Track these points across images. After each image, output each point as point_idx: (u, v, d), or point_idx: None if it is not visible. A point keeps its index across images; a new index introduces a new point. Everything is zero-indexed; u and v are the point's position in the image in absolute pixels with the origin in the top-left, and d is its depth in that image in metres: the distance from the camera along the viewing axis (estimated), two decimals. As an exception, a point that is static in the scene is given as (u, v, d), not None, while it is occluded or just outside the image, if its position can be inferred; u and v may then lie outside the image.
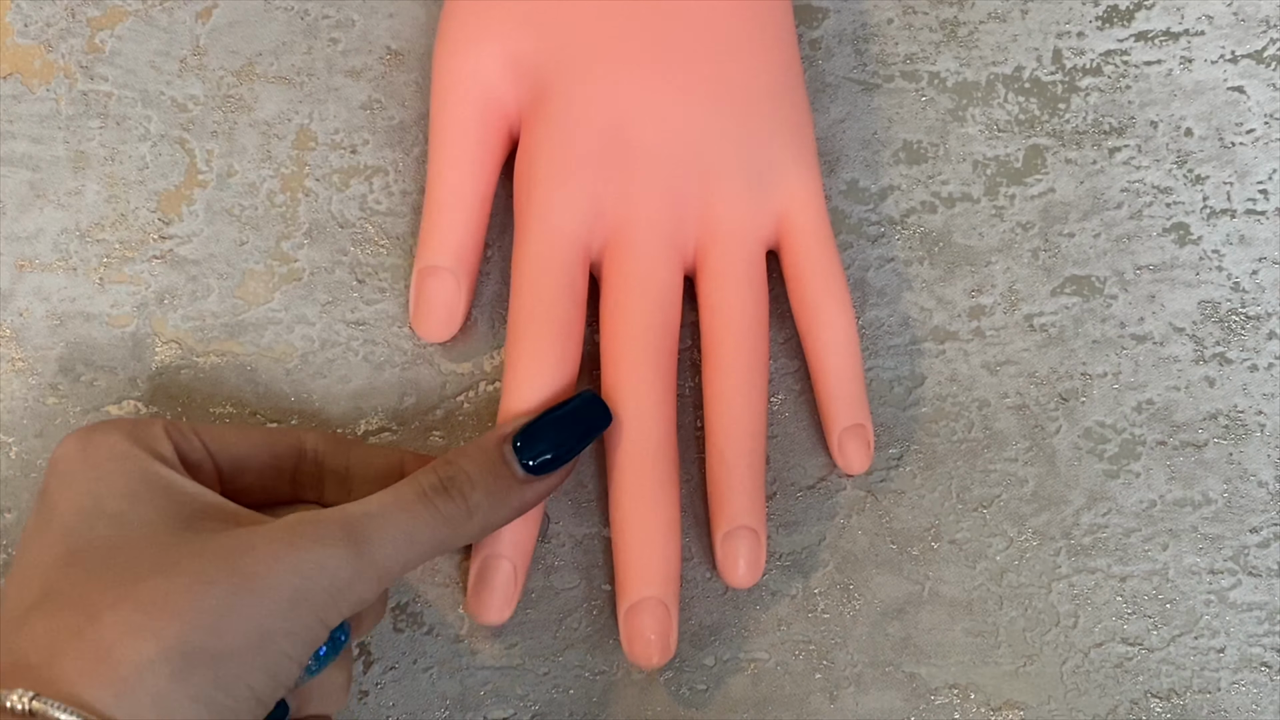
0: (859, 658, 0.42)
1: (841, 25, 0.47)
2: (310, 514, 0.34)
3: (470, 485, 0.36)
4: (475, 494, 0.36)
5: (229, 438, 0.38)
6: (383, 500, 0.35)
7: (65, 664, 0.30)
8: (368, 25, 0.46)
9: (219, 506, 0.35)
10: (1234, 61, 0.46)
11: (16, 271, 0.44)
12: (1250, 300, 0.45)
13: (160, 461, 0.35)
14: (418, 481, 0.36)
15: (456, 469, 0.37)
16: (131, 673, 0.30)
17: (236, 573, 0.31)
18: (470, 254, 0.43)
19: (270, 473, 0.39)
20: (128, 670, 0.30)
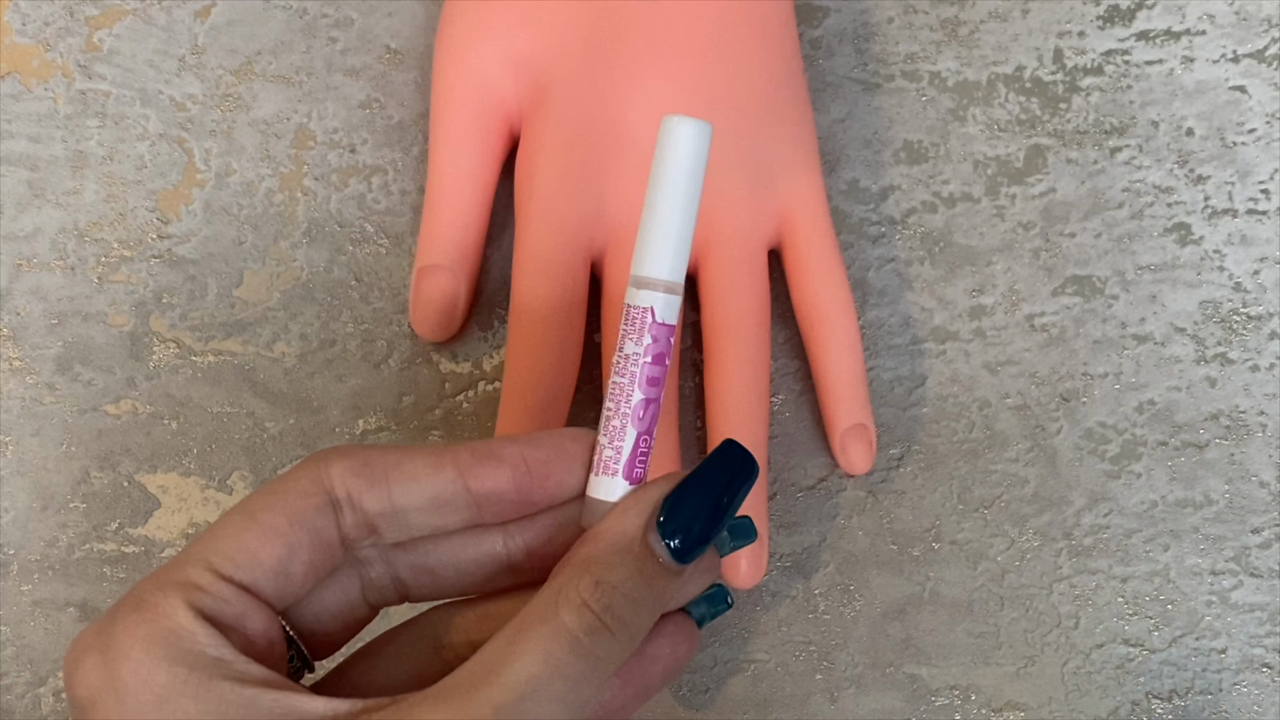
0: (859, 659, 0.41)
1: (842, 24, 0.47)
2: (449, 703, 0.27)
3: (630, 608, 0.29)
4: (638, 616, 0.29)
5: (252, 550, 0.30)
6: (533, 672, 0.28)
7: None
8: (367, 24, 0.46)
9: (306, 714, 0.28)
10: (1235, 61, 0.46)
11: (14, 270, 0.44)
12: (1252, 300, 0.44)
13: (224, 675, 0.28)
14: (563, 628, 0.28)
15: (609, 591, 0.29)
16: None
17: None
18: (470, 253, 0.43)
19: (315, 568, 0.31)
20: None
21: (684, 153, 0.31)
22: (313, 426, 0.43)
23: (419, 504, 0.31)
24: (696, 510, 0.30)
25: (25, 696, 0.41)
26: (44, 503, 0.42)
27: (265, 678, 0.28)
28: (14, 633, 0.41)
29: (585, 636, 0.28)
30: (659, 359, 0.31)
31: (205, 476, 0.42)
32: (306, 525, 0.30)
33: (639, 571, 0.29)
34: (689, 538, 0.30)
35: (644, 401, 0.31)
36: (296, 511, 0.30)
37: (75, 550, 0.42)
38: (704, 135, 0.31)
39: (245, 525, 0.30)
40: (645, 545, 0.29)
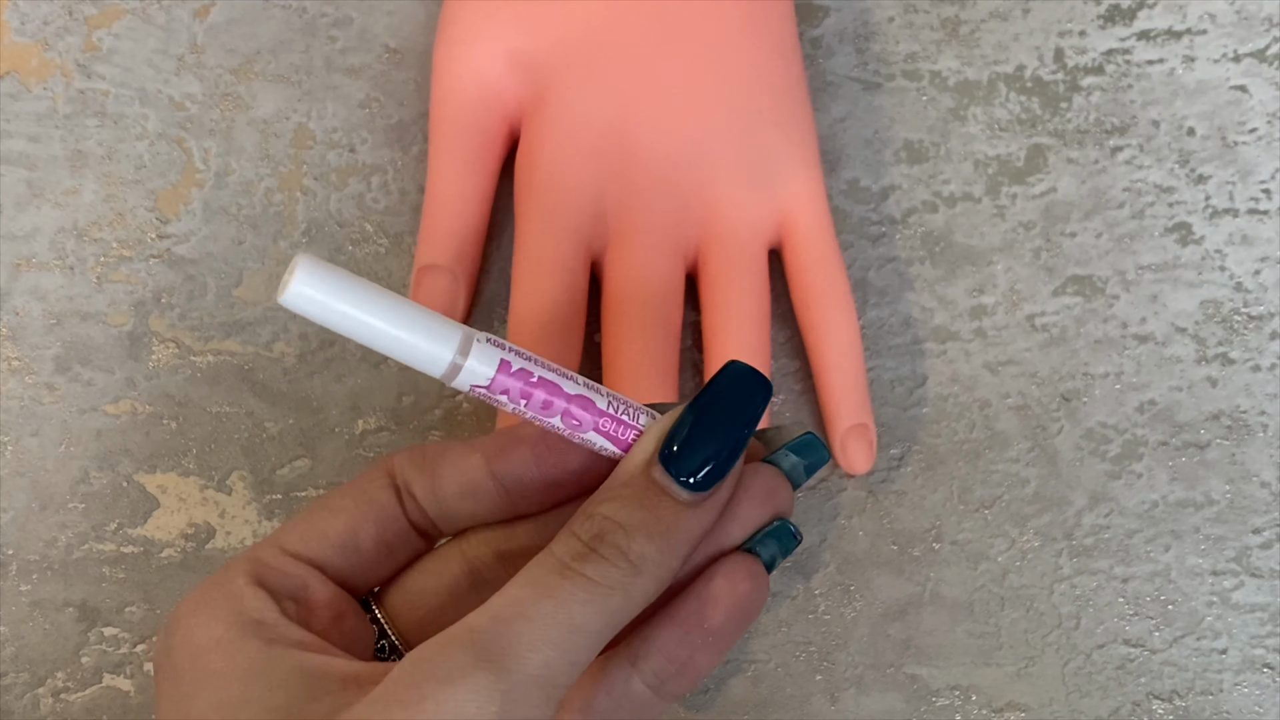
0: (860, 659, 0.41)
1: (842, 24, 0.47)
2: (429, 645, 0.27)
3: (625, 534, 0.28)
4: (634, 543, 0.28)
5: (320, 528, 0.32)
6: (516, 595, 0.27)
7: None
8: (366, 23, 0.46)
9: (328, 673, 0.28)
10: (1236, 60, 0.46)
11: (13, 270, 0.44)
12: (1253, 300, 0.44)
13: (259, 634, 0.29)
14: (553, 554, 0.28)
15: (600, 520, 0.29)
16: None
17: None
18: (470, 253, 0.43)
19: (385, 544, 0.32)
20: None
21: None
22: (312, 426, 0.43)
23: (453, 490, 0.32)
24: (705, 435, 0.29)
25: (24, 697, 0.41)
26: (43, 503, 0.42)
27: (300, 640, 0.29)
28: (13, 633, 0.41)
29: (572, 560, 0.28)
30: (527, 392, 0.30)
31: (204, 476, 0.42)
32: (370, 502, 0.32)
33: (639, 503, 0.29)
34: (697, 464, 0.29)
35: (564, 420, 0.30)
36: (361, 491, 0.32)
37: (74, 550, 0.42)
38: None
39: (317, 508, 0.32)
40: (647, 477, 0.29)
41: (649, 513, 0.28)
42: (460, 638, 0.27)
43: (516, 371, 0.30)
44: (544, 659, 0.27)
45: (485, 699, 0.26)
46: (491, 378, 0.30)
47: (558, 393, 0.30)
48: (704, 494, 0.29)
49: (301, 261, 0.28)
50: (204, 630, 0.29)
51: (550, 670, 0.27)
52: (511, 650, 0.26)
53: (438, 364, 0.29)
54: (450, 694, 0.26)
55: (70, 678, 0.41)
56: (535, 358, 0.31)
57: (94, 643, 0.41)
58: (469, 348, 0.29)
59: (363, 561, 0.32)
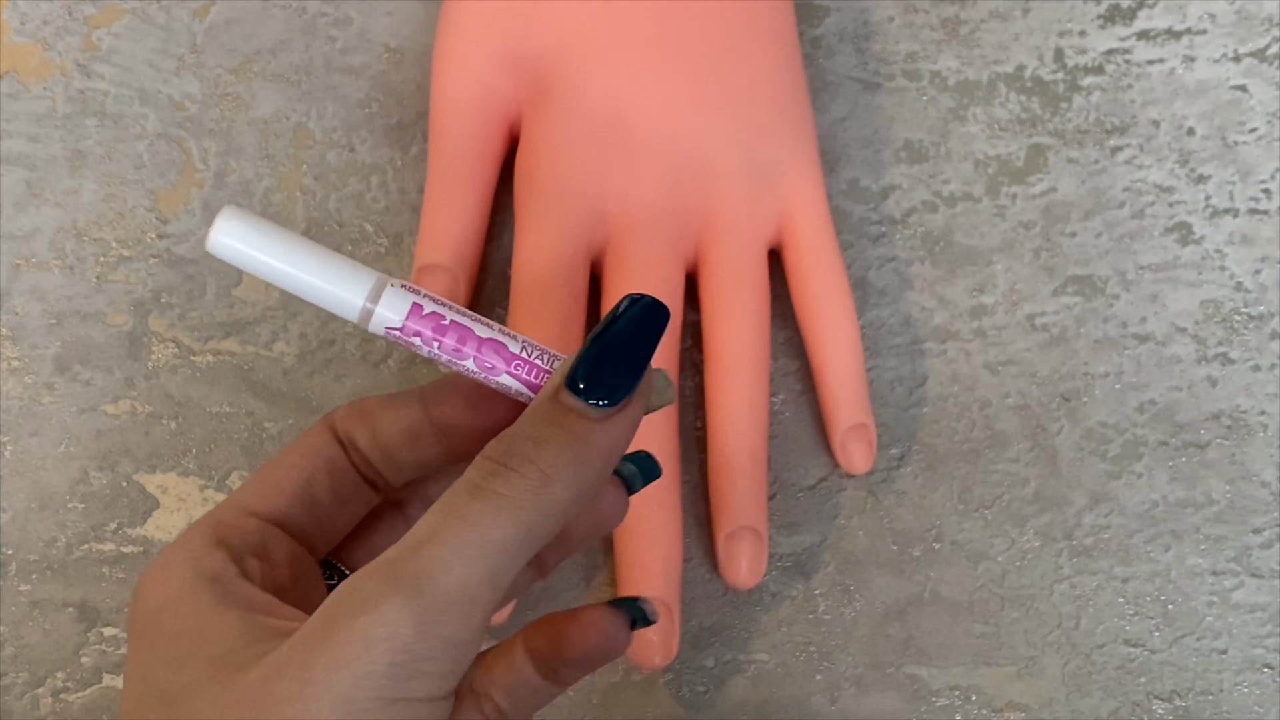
0: (860, 659, 0.41)
1: (842, 23, 0.47)
2: (346, 582, 0.28)
3: (534, 445, 0.29)
4: (544, 453, 0.28)
5: (275, 483, 0.32)
6: (430, 519, 0.28)
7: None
8: (366, 23, 0.46)
9: (270, 627, 0.29)
10: (1236, 60, 0.46)
11: (13, 270, 0.44)
12: (1253, 300, 0.44)
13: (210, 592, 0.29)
14: (466, 478, 0.29)
15: (510, 439, 0.29)
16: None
17: (266, 712, 0.26)
18: (470, 252, 0.43)
19: (339, 495, 0.33)
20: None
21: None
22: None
23: (394, 438, 0.32)
24: (608, 358, 0.30)
25: (24, 697, 0.41)
26: (42, 503, 0.42)
27: (250, 597, 0.29)
28: (12, 633, 0.41)
29: (482, 479, 0.28)
30: (438, 336, 0.31)
31: (204, 476, 0.42)
32: (319, 454, 0.32)
33: (545, 419, 0.29)
34: (594, 377, 0.29)
35: (477, 361, 0.31)
36: (308, 447, 0.33)
37: (74, 550, 0.42)
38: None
39: (268, 467, 0.33)
40: (555, 400, 0.29)
41: (557, 426, 0.29)
42: (374, 569, 0.27)
43: (428, 314, 0.31)
44: (458, 577, 0.27)
45: (398, 622, 0.26)
46: (403, 321, 0.31)
47: (470, 336, 0.31)
48: (612, 408, 0.29)
49: (225, 211, 0.30)
50: (159, 591, 0.30)
51: (466, 588, 0.27)
52: (424, 573, 0.26)
53: (351, 307, 0.31)
54: (363, 623, 0.26)
55: (70, 678, 0.41)
56: (451, 304, 0.31)
57: (94, 643, 0.41)
58: (381, 291, 0.31)
59: (320, 514, 0.32)
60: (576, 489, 0.29)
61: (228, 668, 0.27)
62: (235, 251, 0.30)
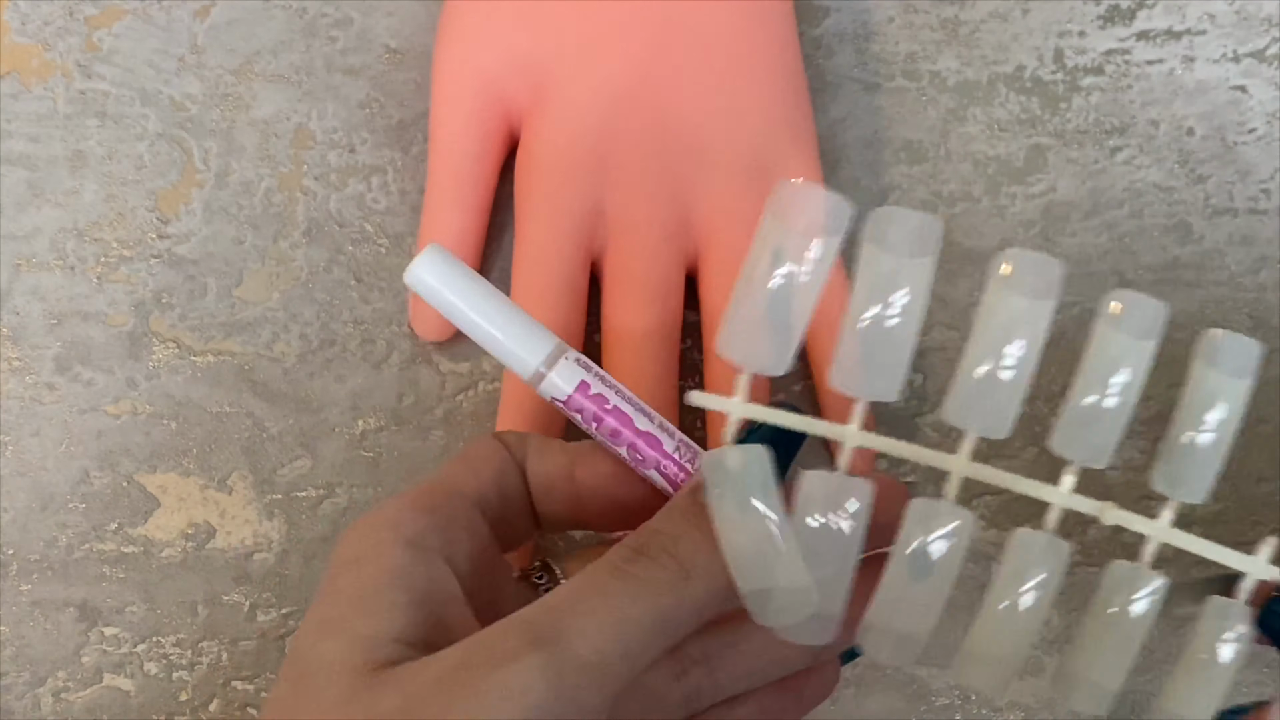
0: (860, 659, 0.41)
1: (842, 24, 0.47)
2: (483, 631, 0.28)
3: (671, 540, 0.29)
4: (682, 547, 0.29)
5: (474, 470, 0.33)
6: (568, 590, 0.29)
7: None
8: (366, 23, 0.46)
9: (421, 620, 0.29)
10: (1236, 61, 0.46)
11: (14, 270, 0.44)
12: (1253, 300, 0.44)
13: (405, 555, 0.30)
14: (605, 559, 0.29)
15: (649, 532, 0.30)
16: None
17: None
18: (470, 252, 0.43)
19: (524, 497, 0.34)
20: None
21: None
22: (312, 426, 0.43)
23: (536, 480, 0.33)
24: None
25: (25, 697, 0.41)
26: (43, 503, 0.42)
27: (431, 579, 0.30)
28: (13, 633, 0.41)
29: (624, 562, 0.29)
30: (600, 417, 0.33)
31: (205, 476, 0.42)
32: (503, 456, 0.33)
33: (683, 517, 0.30)
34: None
35: (629, 452, 0.33)
36: (490, 448, 0.34)
37: (75, 550, 0.42)
38: None
39: (458, 461, 0.33)
40: (692, 499, 0.30)
41: (694, 524, 0.30)
42: (512, 624, 0.27)
43: (594, 395, 0.32)
44: (595, 645, 0.27)
45: (536, 678, 0.26)
46: (569, 395, 0.32)
47: (628, 424, 0.33)
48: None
49: (430, 248, 0.32)
50: (352, 546, 0.30)
51: (602, 657, 0.27)
52: (563, 635, 0.27)
53: (525, 368, 0.32)
54: (502, 675, 0.26)
55: (71, 678, 0.41)
56: (618, 386, 0.33)
57: (94, 643, 0.41)
58: (555, 361, 0.32)
59: (511, 510, 0.33)
60: (712, 585, 0.29)
61: (367, 659, 0.28)
62: (430, 289, 0.32)
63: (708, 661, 0.34)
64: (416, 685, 0.27)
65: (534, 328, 0.33)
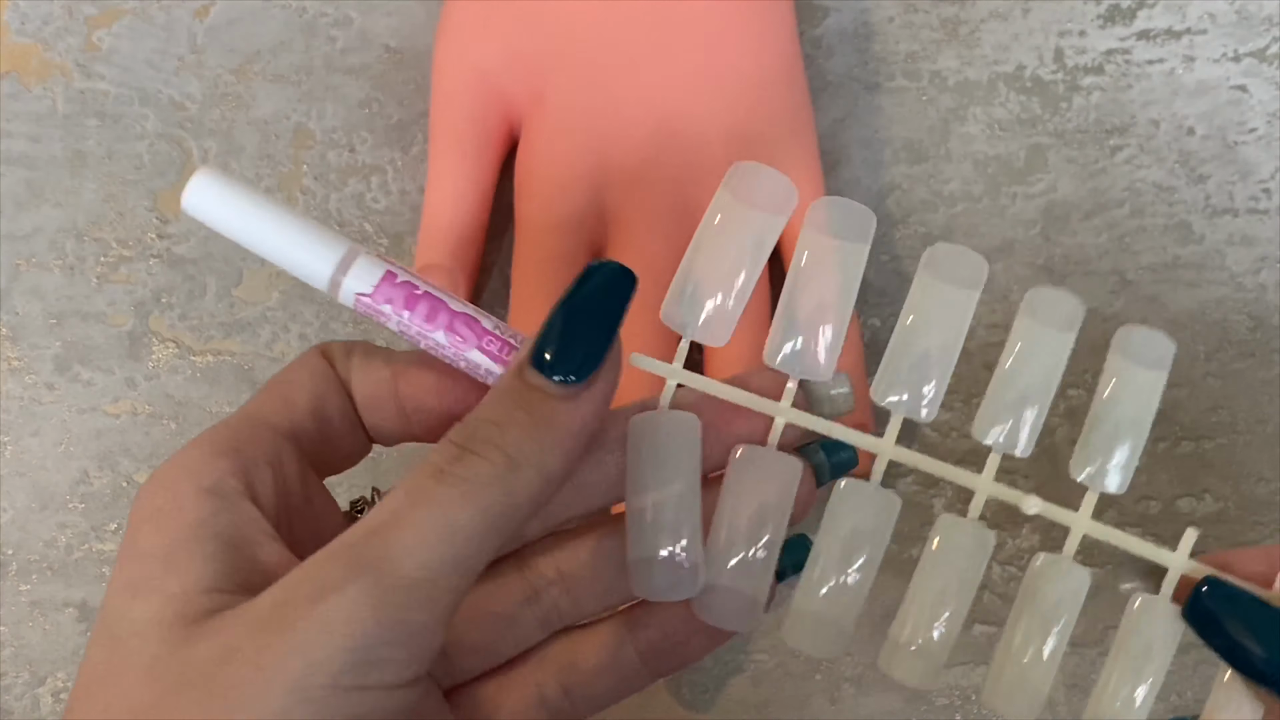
0: (859, 659, 0.41)
1: (842, 23, 0.47)
2: (304, 564, 0.26)
3: (497, 429, 0.27)
4: (508, 436, 0.27)
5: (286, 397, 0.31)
6: (391, 503, 0.27)
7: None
8: (366, 23, 0.46)
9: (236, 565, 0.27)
10: (1236, 60, 0.46)
11: (13, 270, 0.44)
12: (1253, 300, 0.44)
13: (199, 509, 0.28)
14: (429, 462, 0.27)
15: (474, 422, 0.28)
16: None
17: (217, 698, 0.25)
18: (470, 252, 0.43)
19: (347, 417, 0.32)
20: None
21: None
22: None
23: (362, 397, 0.31)
24: (568, 328, 0.28)
25: (24, 697, 0.41)
26: (43, 503, 0.42)
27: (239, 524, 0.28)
28: (12, 633, 0.41)
29: (446, 463, 0.27)
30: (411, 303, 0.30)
31: (204, 476, 0.42)
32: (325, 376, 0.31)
33: (509, 400, 0.28)
34: (567, 359, 0.28)
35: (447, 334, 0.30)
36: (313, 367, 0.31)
37: (74, 550, 0.42)
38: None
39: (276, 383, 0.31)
40: (519, 379, 0.28)
41: (521, 408, 0.28)
42: (332, 551, 0.26)
43: (401, 283, 0.30)
44: (421, 560, 0.26)
45: (358, 607, 0.25)
46: (375, 285, 0.30)
47: (443, 306, 0.30)
48: (579, 385, 0.28)
49: (200, 171, 0.29)
50: (150, 500, 0.28)
51: (429, 572, 0.26)
52: (386, 557, 0.25)
53: (321, 273, 0.30)
54: (321, 610, 0.25)
55: (70, 678, 0.41)
56: (421, 279, 0.31)
57: (94, 642, 0.41)
58: (354, 259, 0.30)
59: (331, 435, 0.31)
60: (543, 473, 0.28)
61: (180, 616, 0.26)
62: (209, 212, 0.29)
63: (563, 580, 0.32)
64: (234, 631, 0.25)
65: (326, 233, 0.30)
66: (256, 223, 0.30)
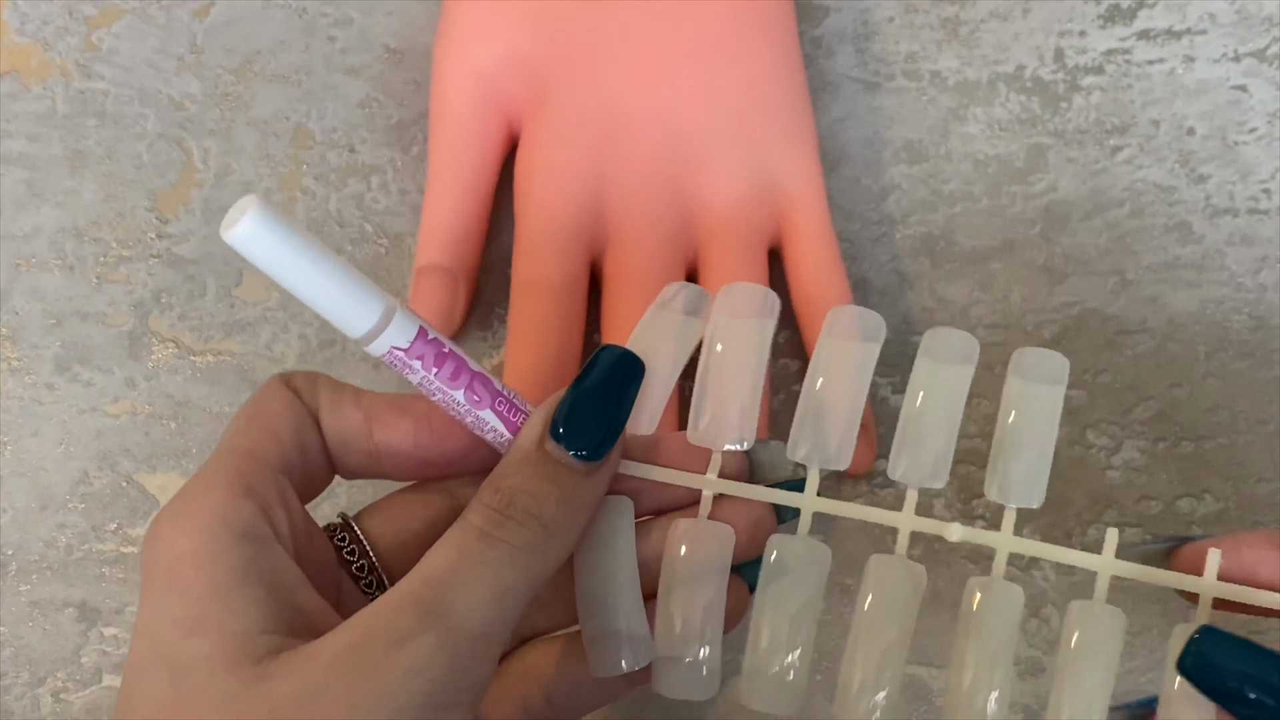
0: (860, 659, 0.41)
1: (843, 23, 0.47)
2: (373, 610, 0.28)
3: (534, 500, 0.30)
4: (545, 508, 0.30)
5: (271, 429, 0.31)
6: (444, 559, 0.29)
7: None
8: (366, 23, 0.46)
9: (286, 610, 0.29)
10: (1237, 60, 0.46)
11: (13, 270, 0.44)
12: (1253, 300, 0.44)
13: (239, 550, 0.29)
14: (472, 524, 0.30)
15: (509, 491, 0.30)
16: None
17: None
18: (470, 252, 0.43)
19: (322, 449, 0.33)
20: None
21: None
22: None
23: (332, 436, 0.32)
24: (588, 408, 0.31)
25: (24, 697, 0.41)
26: (42, 503, 0.42)
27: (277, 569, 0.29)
28: (12, 633, 0.41)
29: (490, 527, 0.29)
30: (440, 360, 0.31)
31: (204, 476, 0.42)
32: (296, 405, 0.32)
33: (539, 473, 0.31)
34: (584, 436, 0.31)
35: (466, 393, 0.32)
36: (283, 398, 0.32)
37: (74, 550, 0.42)
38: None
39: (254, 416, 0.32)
40: (542, 452, 0.31)
41: (551, 481, 0.30)
42: (403, 602, 0.28)
43: (431, 340, 0.31)
44: (482, 617, 0.28)
45: (435, 653, 0.27)
46: (412, 341, 0.31)
47: (464, 366, 0.32)
48: (596, 463, 0.31)
49: (252, 210, 0.28)
50: (181, 540, 0.29)
51: (488, 628, 0.28)
52: (453, 611, 0.28)
53: (363, 323, 0.30)
54: (403, 654, 0.27)
55: (70, 678, 0.41)
56: (444, 337, 0.32)
57: (94, 643, 0.41)
58: (393, 313, 0.31)
59: (311, 466, 0.32)
60: (570, 541, 0.31)
61: (244, 654, 0.27)
62: (254, 251, 0.29)
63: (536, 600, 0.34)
64: (311, 671, 0.27)
65: (367, 284, 0.31)
66: (303, 271, 0.29)
